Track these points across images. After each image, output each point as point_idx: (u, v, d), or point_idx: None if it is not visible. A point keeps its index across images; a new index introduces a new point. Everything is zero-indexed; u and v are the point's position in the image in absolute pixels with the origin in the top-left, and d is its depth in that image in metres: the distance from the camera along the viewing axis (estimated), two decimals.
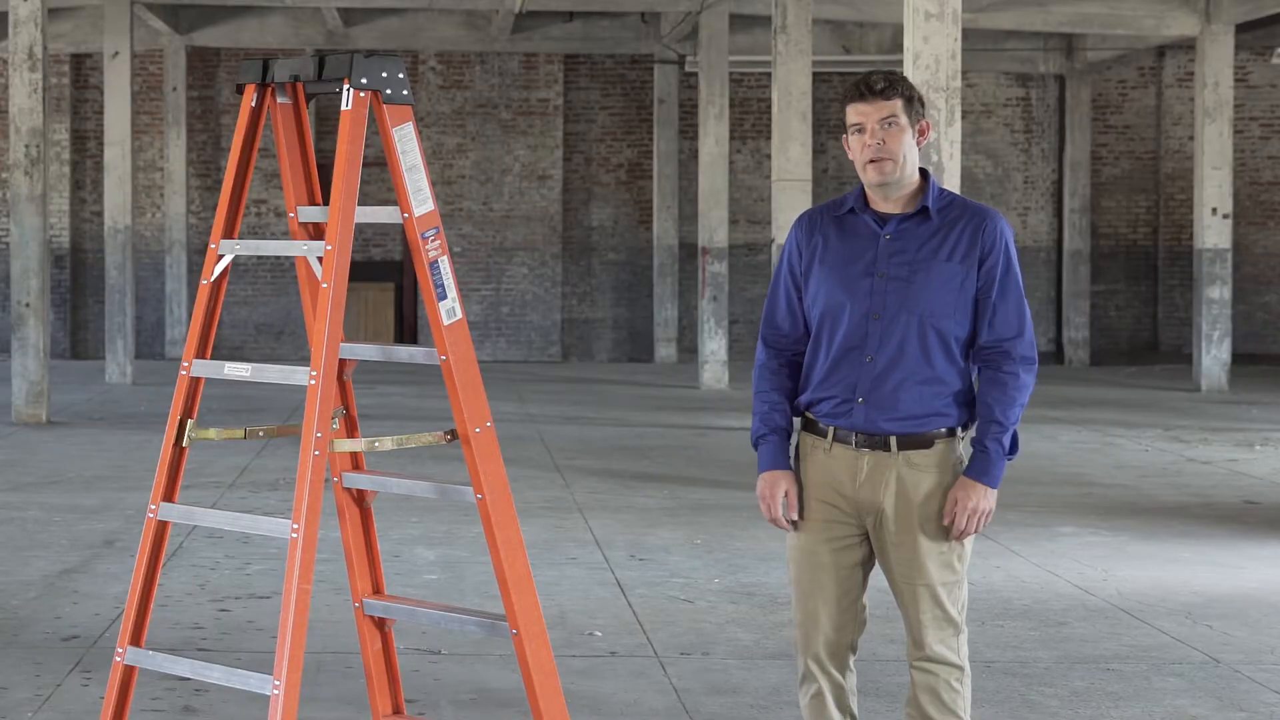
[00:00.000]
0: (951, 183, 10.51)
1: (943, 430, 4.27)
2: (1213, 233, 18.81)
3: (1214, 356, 18.78)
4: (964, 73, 19.78)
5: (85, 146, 23.10)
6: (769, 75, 19.30)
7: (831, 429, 4.31)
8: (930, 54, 10.50)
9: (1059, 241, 23.70)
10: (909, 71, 10.54)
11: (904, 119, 4.24)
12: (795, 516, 4.33)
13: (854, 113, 4.27)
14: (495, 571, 4.27)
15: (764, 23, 20.01)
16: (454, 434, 4.27)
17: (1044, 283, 23.80)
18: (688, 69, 21.92)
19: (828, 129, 23.40)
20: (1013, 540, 9.29)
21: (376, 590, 4.58)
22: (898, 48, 20.76)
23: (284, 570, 4.04)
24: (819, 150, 23.19)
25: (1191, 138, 21.93)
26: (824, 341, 4.33)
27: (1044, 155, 23.85)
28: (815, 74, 19.17)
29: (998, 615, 7.42)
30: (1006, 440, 4.24)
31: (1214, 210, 18.82)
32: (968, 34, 19.59)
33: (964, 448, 4.34)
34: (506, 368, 21.86)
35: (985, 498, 4.22)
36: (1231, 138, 18.95)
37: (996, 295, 4.26)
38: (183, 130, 22.40)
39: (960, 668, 4.29)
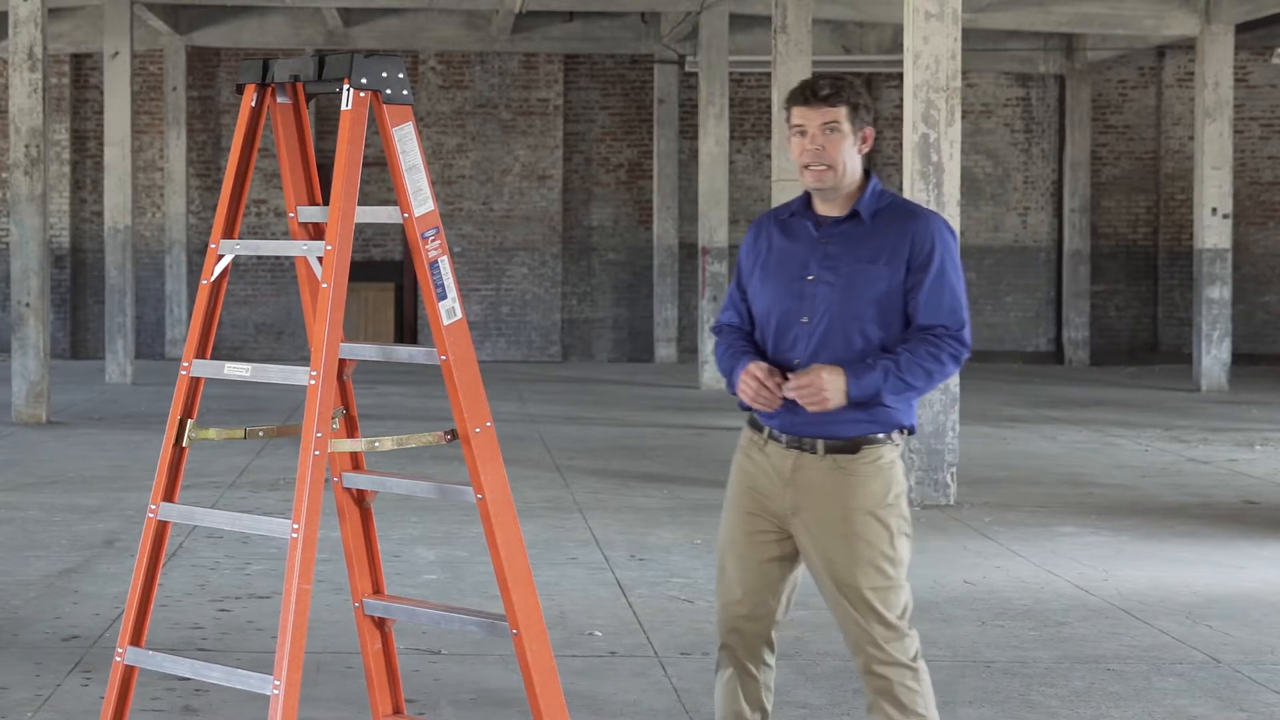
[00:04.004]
0: (951, 183, 10.52)
1: (870, 435, 4.28)
2: (1213, 233, 18.81)
3: (1214, 356, 18.79)
4: (964, 73, 19.79)
5: (85, 146, 23.10)
6: (769, 75, 19.30)
7: (767, 427, 4.36)
8: (930, 54, 10.50)
9: (1059, 241, 23.70)
10: (909, 71, 10.55)
11: (846, 126, 4.27)
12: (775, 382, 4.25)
13: (796, 115, 4.31)
14: (495, 571, 4.27)
15: (764, 23, 20.01)
16: (454, 434, 4.27)
17: (1044, 283, 23.79)
18: (688, 69, 21.92)
19: None
20: (1013, 540, 9.29)
21: (376, 590, 4.57)
22: (898, 48, 20.76)
23: (284, 570, 4.05)
24: None
25: (1191, 138, 21.93)
26: (761, 343, 4.38)
27: (1044, 155, 23.85)
28: (816, 73, 19.16)
29: (998, 615, 7.42)
30: (893, 381, 4.18)
31: (1214, 210, 18.82)
32: (968, 34, 19.59)
33: (896, 454, 4.33)
34: (506, 368, 21.86)
35: (834, 388, 4.15)
36: (1231, 138, 18.95)
37: (927, 292, 4.25)
38: (183, 130, 22.39)
39: (911, 667, 4.27)
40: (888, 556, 4.27)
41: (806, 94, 4.28)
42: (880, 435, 4.29)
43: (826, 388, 4.15)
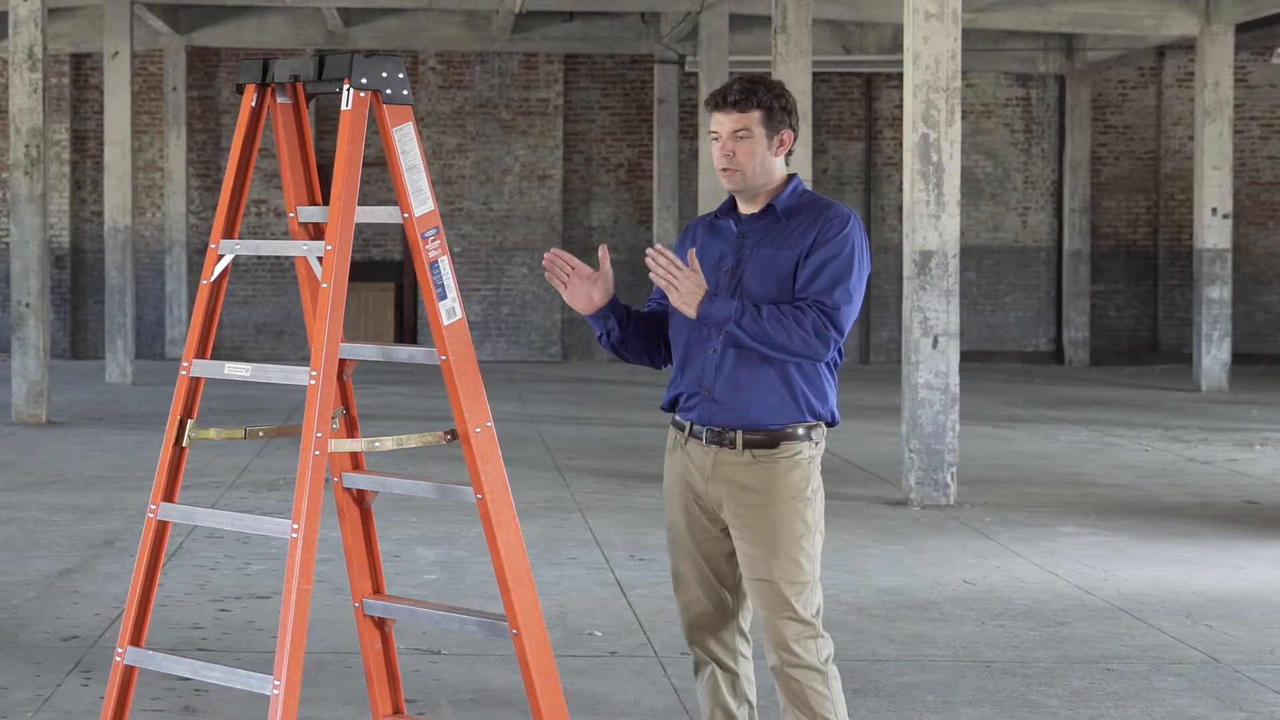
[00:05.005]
0: (951, 183, 10.52)
1: (789, 429, 4.32)
2: (1213, 233, 18.81)
3: (1214, 356, 18.79)
4: (964, 73, 19.79)
5: (85, 146, 23.10)
6: (769, 75, 19.29)
7: (688, 424, 4.41)
8: (930, 54, 10.49)
9: (1059, 241, 23.70)
10: (909, 71, 10.55)
11: (759, 130, 4.32)
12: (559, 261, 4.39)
13: (712, 121, 4.39)
14: (495, 571, 4.27)
15: (764, 23, 20.01)
16: (454, 434, 4.27)
17: (1044, 283, 23.79)
18: (688, 69, 21.92)
19: (827, 129, 23.41)
20: (1013, 540, 9.29)
21: (376, 590, 4.57)
22: (898, 48, 20.76)
23: (284, 570, 4.04)
24: (819, 150, 23.18)
25: (1191, 138, 21.93)
26: (677, 335, 4.44)
27: (1044, 155, 23.85)
28: (815, 74, 19.19)
29: (998, 615, 7.42)
30: (749, 320, 4.19)
31: (1214, 210, 18.82)
32: (968, 34, 19.59)
33: (815, 452, 4.37)
34: (506, 368, 21.87)
35: (693, 291, 4.20)
36: (1231, 138, 18.95)
37: (815, 263, 4.28)
38: (183, 130, 22.39)
39: (822, 671, 4.28)
40: (805, 551, 4.31)
41: (718, 99, 4.35)
42: (800, 430, 4.32)
43: (692, 285, 4.21)
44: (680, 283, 4.20)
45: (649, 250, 4.25)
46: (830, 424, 4.41)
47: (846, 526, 9.46)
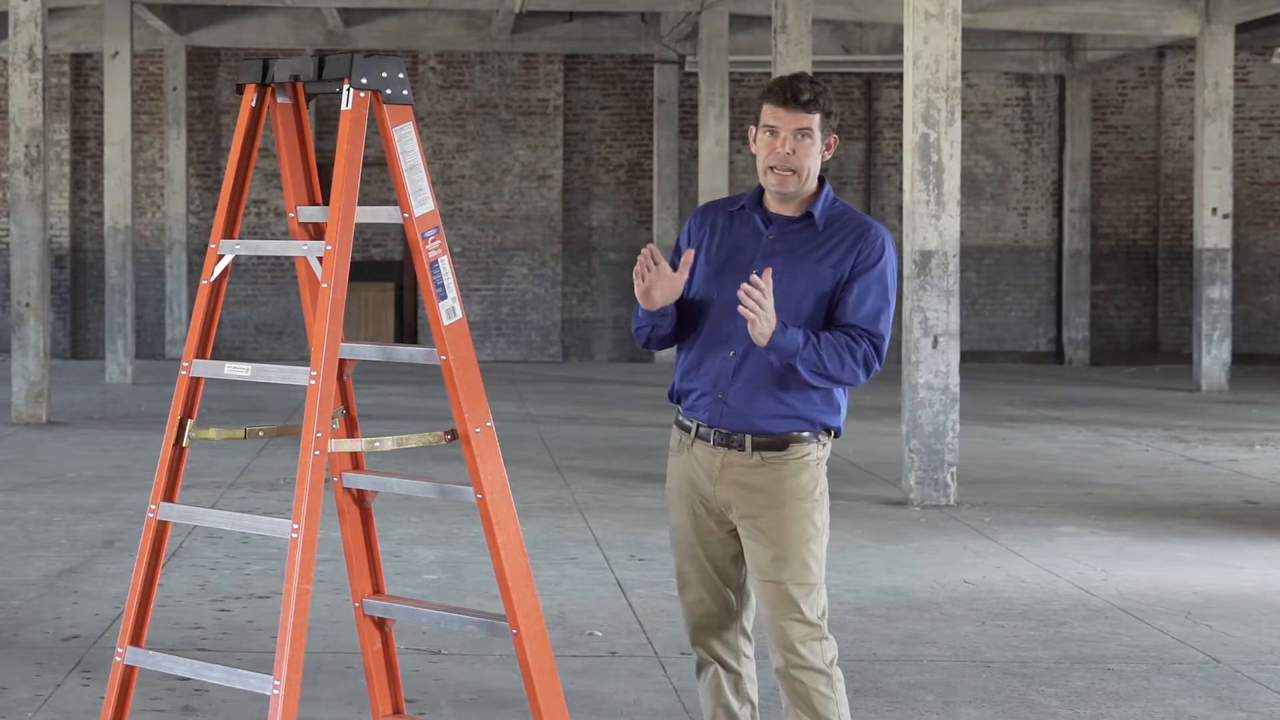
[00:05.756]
0: (951, 183, 10.53)
1: (799, 433, 4.30)
2: (1213, 233, 18.81)
3: (1214, 356, 18.79)
4: (964, 73, 19.78)
5: (85, 146, 23.10)
6: (769, 75, 19.30)
7: (695, 425, 4.38)
8: (930, 54, 10.50)
9: (1059, 241, 23.71)
10: (909, 71, 10.56)
11: (818, 133, 4.27)
12: (654, 258, 4.26)
13: (770, 114, 4.27)
14: (495, 571, 4.27)
15: (764, 23, 20.02)
16: (454, 434, 4.27)
17: (1044, 283, 23.79)
18: (688, 69, 21.92)
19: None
20: (1013, 540, 9.29)
21: (376, 590, 4.57)
22: (898, 48, 20.76)
23: (284, 570, 4.04)
24: None
25: (1191, 138, 21.93)
26: (692, 332, 4.39)
27: (1044, 155, 23.85)
28: (815, 74, 19.15)
29: (998, 615, 7.42)
30: (810, 349, 4.17)
31: (1214, 210, 18.82)
32: (968, 34, 19.59)
33: (823, 454, 4.35)
34: (506, 368, 21.86)
35: (770, 320, 4.12)
36: (1231, 138, 18.95)
37: (856, 294, 4.25)
38: (183, 130, 22.39)
39: (826, 673, 4.28)
40: (813, 553, 4.30)
41: (786, 96, 4.25)
42: (806, 433, 4.31)
43: (769, 313, 4.12)
44: (766, 315, 4.12)
45: (744, 284, 4.12)
46: (836, 434, 4.40)
47: (847, 526, 9.46)
